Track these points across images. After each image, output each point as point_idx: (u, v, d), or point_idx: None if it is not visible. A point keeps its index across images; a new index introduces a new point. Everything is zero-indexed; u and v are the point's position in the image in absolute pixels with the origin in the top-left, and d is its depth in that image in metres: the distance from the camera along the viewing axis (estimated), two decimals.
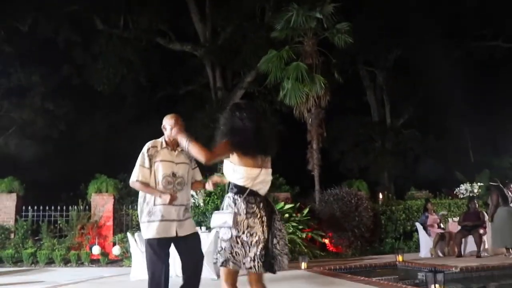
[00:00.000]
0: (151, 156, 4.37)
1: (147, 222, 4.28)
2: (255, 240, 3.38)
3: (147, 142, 4.47)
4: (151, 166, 4.36)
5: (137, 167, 4.39)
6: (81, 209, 12.15)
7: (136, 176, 4.37)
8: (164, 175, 4.34)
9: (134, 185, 4.40)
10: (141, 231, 4.43)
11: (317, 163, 13.25)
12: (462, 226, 10.71)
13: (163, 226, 4.25)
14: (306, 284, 7.04)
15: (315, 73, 13.18)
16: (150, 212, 4.29)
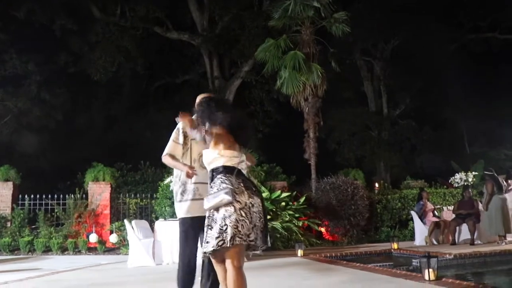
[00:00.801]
0: (186, 133, 4.25)
1: (180, 201, 4.19)
2: (257, 210, 3.58)
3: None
4: (185, 144, 4.26)
5: (170, 142, 4.29)
6: (78, 198, 12.18)
7: (167, 150, 4.26)
8: (199, 154, 4.17)
9: (164, 159, 4.26)
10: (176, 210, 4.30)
11: (314, 152, 13.29)
12: (456, 215, 10.79)
13: (198, 204, 4.06)
14: (303, 270, 7.10)
15: (312, 62, 13.18)
16: (185, 191, 4.18)
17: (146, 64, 20.06)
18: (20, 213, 11.88)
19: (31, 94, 18.26)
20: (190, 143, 4.25)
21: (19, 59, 17.65)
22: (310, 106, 13.38)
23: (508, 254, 8.67)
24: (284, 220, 10.95)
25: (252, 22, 17.57)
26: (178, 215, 4.22)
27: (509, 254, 8.68)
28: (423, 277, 5.49)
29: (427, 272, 5.44)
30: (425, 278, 5.43)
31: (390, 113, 22.78)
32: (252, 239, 3.50)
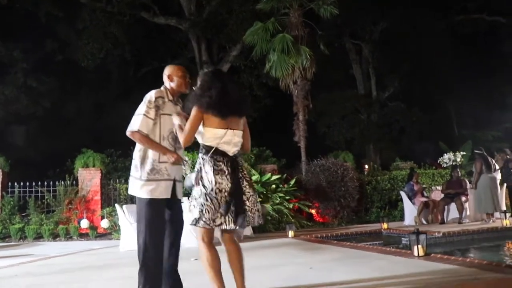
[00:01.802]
0: (157, 107, 3.87)
1: (147, 181, 3.81)
2: (224, 196, 3.46)
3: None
4: (156, 118, 3.86)
5: (140, 116, 3.83)
6: (68, 184, 12.15)
7: (137, 125, 3.81)
8: (170, 130, 3.91)
9: (133, 136, 3.83)
10: (137, 191, 3.86)
11: (303, 135, 13.34)
12: (445, 194, 10.92)
13: (167, 185, 3.88)
14: (293, 250, 7.18)
15: (301, 44, 13.16)
16: (153, 169, 3.83)
17: (134, 50, 19.92)
18: (10, 200, 11.83)
19: (18, 82, 18.09)
20: (160, 119, 3.88)
21: (4, 46, 17.42)
22: (299, 89, 13.40)
23: (495, 231, 8.85)
24: (274, 202, 11.02)
25: (240, 6, 17.44)
26: (145, 195, 3.81)
27: (496, 231, 8.87)
28: (412, 254, 5.57)
29: (416, 248, 5.52)
30: (414, 254, 5.52)
31: (379, 96, 22.88)
32: (218, 223, 3.46)
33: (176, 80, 3.99)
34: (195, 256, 6.79)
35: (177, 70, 4.02)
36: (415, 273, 4.52)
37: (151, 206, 3.82)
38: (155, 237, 3.83)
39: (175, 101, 4.04)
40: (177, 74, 4.00)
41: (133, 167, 3.92)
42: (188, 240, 8.09)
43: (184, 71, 4.04)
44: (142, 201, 3.84)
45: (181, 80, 4.00)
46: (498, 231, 8.83)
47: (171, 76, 4.00)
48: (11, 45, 17.52)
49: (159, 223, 3.88)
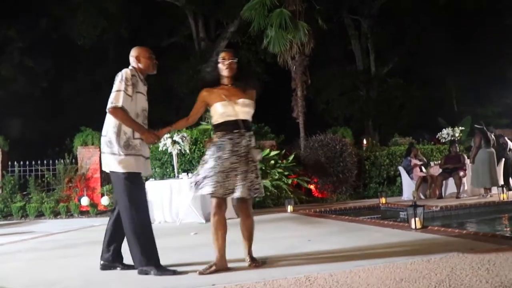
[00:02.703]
0: (133, 85, 3.93)
1: (125, 156, 3.85)
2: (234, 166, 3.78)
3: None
4: (132, 95, 3.91)
5: (120, 92, 3.84)
6: (67, 163, 12.19)
7: (120, 101, 3.82)
8: (142, 108, 4.02)
9: (115, 113, 3.83)
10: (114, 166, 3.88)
11: (302, 111, 13.32)
12: (443, 169, 10.98)
13: (142, 162, 3.97)
14: (293, 223, 7.27)
15: (299, 20, 13.02)
16: (128, 145, 3.88)
17: (131, 28, 19.72)
18: (10, 179, 11.89)
19: (14, 61, 17.96)
20: (136, 96, 3.95)
21: None
22: (298, 65, 13.33)
23: (492, 205, 8.94)
24: (273, 178, 11.08)
25: None
26: (123, 169, 3.84)
27: (493, 205, 8.96)
28: (410, 226, 5.64)
29: (414, 221, 5.59)
30: (411, 227, 5.59)
31: (378, 72, 22.75)
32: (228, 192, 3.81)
33: (143, 61, 4.11)
34: (194, 230, 6.89)
35: (144, 51, 4.13)
36: (412, 244, 4.59)
37: (131, 180, 3.88)
38: (142, 210, 3.92)
39: (144, 81, 4.14)
40: (144, 55, 4.12)
41: (105, 144, 3.93)
42: (187, 216, 8.22)
43: (151, 53, 4.16)
44: (120, 177, 3.87)
45: (148, 61, 4.12)
46: (495, 205, 8.92)
47: (139, 57, 4.11)
48: (6, 24, 17.34)
49: (142, 196, 4.01)
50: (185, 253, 4.95)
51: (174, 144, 9.19)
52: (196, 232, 6.75)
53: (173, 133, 9.59)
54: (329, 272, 3.43)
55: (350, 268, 3.51)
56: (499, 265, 3.33)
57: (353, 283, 3.08)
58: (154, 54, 4.18)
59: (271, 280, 3.29)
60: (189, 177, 8.62)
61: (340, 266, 3.65)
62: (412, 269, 3.38)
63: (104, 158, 3.97)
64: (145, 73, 4.15)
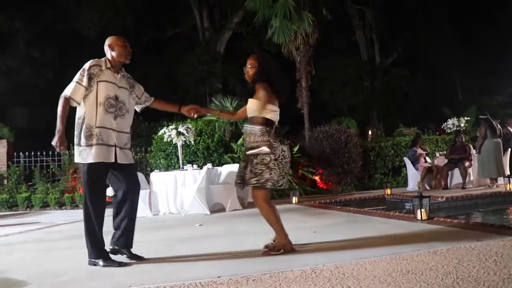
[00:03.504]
0: (93, 75, 4.00)
1: (86, 146, 3.94)
2: (287, 161, 4.16)
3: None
4: (90, 86, 4.00)
5: (73, 83, 3.97)
6: (72, 153, 12.19)
7: (69, 92, 3.95)
8: (107, 96, 4.03)
9: (60, 101, 3.95)
10: (76, 157, 4.01)
11: (306, 101, 13.29)
12: (449, 159, 10.92)
13: (104, 150, 3.99)
14: (298, 215, 7.25)
15: (303, 10, 12.96)
16: (90, 136, 3.96)
17: (135, 18, 19.67)
18: (16, 170, 11.95)
19: (19, 52, 17.97)
20: (97, 85, 4.01)
21: (5, 17, 17.24)
22: (302, 55, 13.28)
23: (498, 196, 8.88)
24: None
25: None
26: (83, 160, 3.96)
27: (499, 196, 8.90)
28: (415, 217, 5.62)
29: (420, 212, 5.57)
30: (417, 218, 5.56)
31: (383, 62, 22.65)
32: (280, 184, 4.12)
33: (117, 49, 4.16)
34: (199, 222, 6.89)
35: (117, 39, 4.19)
36: (417, 235, 4.57)
37: (89, 171, 3.97)
38: (95, 201, 4.02)
39: (117, 70, 4.18)
40: (117, 43, 4.17)
41: (74, 136, 4.04)
42: (192, 207, 8.22)
43: (124, 41, 4.21)
44: (82, 167, 4.03)
45: (122, 49, 4.17)
46: (502, 196, 8.86)
47: (112, 46, 4.16)
48: (12, 15, 17.33)
49: (98, 188, 4.05)
50: (191, 245, 4.95)
51: (179, 135, 9.17)
52: (201, 223, 6.75)
53: (178, 124, 9.58)
54: (335, 264, 3.42)
55: (356, 260, 3.50)
56: (507, 257, 3.30)
57: (359, 275, 3.07)
58: (128, 43, 4.24)
59: (277, 272, 3.29)
60: (193, 168, 8.62)
61: (346, 257, 3.64)
62: (418, 261, 3.36)
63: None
64: (119, 62, 4.19)
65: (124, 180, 4.17)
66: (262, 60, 4.28)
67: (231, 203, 8.50)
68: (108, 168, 4.07)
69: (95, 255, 3.98)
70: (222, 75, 18.56)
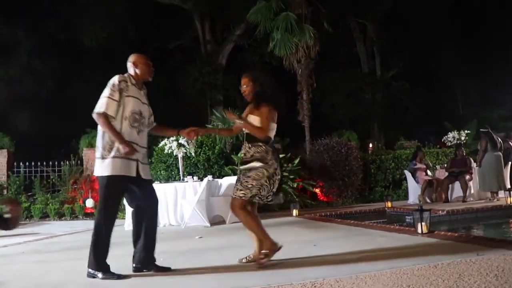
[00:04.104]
0: (122, 89, 4.06)
1: (108, 158, 3.97)
2: (279, 178, 4.26)
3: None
4: (120, 100, 4.05)
5: (104, 99, 4.02)
6: (73, 164, 12.21)
7: (103, 107, 3.99)
8: (132, 111, 4.09)
9: (98, 118, 4.00)
10: (97, 170, 4.03)
11: (307, 114, 13.32)
12: (449, 172, 10.90)
13: (126, 163, 4.00)
14: (298, 227, 7.23)
15: (305, 23, 13.04)
16: (112, 148, 3.98)
17: (138, 30, 19.76)
18: (16, 180, 11.94)
19: (21, 62, 18.02)
20: (124, 100, 4.07)
21: (7, 27, 17.33)
22: (303, 68, 13.33)
23: (499, 209, 8.84)
24: None
25: None
26: (104, 173, 3.97)
27: (500, 209, 8.86)
28: (416, 231, 5.59)
29: (420, 226, 5.54)
30: (418, 232, 5.54)
31: (384, 75, 22.71)
32: (269, 200, 4.33)
33: (140, 67, 4.24)
34: (199, 234, 6.87)
35: (141, 57, 4.29)
36: (418, 249, 4.55)
37: (108, 184, 3.99)
38: (110, 215, 4.07)
39: (140, 86, 4.27)
40: (140, 61, 4.26)
41: (96, 149, 4.12)
42: (192, 219, 8.19)
43: (147, 59, 4.32)
44: (100, 179, 4.05)
45: (145, 67, 4.26)
46: (502, 209, 8.82)
47: (136, 63, 4.25)
48: (14, 25, 17.41)
49: (115, 202, 4.11)
50: (191, 257, 4.93)
51: (179, 147, 9.18)
52: (201, 236, 6.73)
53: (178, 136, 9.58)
54: (335, 278, 3.40)
55: (356, 274, 3.48)
56: (508, 271, 3.28)
57: None
58: (151, 61, 4.33)
59: (276, 285, 3.27)
60: (194, 180, 8.60)
61: (346, 271, 3.62)
62: (419, 275, 3.34)
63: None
64: (142, 79, 4.28)
65: (143, 195, 4.21)
66: (255, 78, 4.37)
67: (232, 215, 8.42)
68: (128, 182, 4.08)
69: (95, 266, 3.97)
70: (223, 87, 18.60)
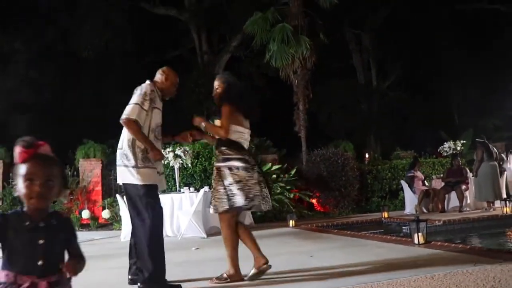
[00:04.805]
0: (152, 100, 3.93)
1: (142, 168, 3.85)
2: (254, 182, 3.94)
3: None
4: (148, 111, 3.91)
5: (135, 106, 3.84)
6: (69, 175, 12.16)
7: (134, 114, 3.81)
8: (157, 124, 4.01)
9: (129, 124, 3.81)
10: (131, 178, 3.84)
11: (304, 124, 13.35)
12: (446, 183, 10.93)
13: (156, 174, 3.97)
14: (294, 238, 7.22)
15: (301, 34, 13.12)
16: (146, 158, 3.86)
17: (135, 40, 19.83)
18: (11, 191, 11.84)
19: (19, 73, 18.03)
20: (152, 112, 3.95)
21: (5, 37, 17.36)
22: (300, 79, 13.39)
23: (495, 219, 8.88)
24: (275, 192, 11.02)
25: None
26: (141, 181, 3.81)
27: (496, 219, 8.90)
28: (412, 241, 5.59)
29: (417, 236, 5.54)
30: (414, 242, 5.54)
31: (380, 85, 22.82)
32: (250, 207, 3.97)
33: (169, 84, 4.16)
34: (196, 245, 6.84)
35: (175, 76, 4.20)
36: (415, 260, 4.54)
37: (149, 192, 3.86)
38: (157, 224, 3.88)
39: (161, 97, 4.16)
40: (174, 80, 4.19)
41: (121, 156, 3.91)
42: (189, 230, 8.17)
43: (177, 81, 4.24)
44: (139, 189, 3.83)
45: (173, 87, 4.20)
46: (499, 219, 8.86)
47: (167, 77, 4.15)
48: (12, 35, 17.44)
49: (159, 209, 3.94)
50: (188, 269, 4.91)
51: (176, 157, 9.17)
52: (198, 247, 6.70)
53: (175, 146, 9.59)
54: None
55: (353, 285, 3.47)
56: (504, 282, 3.29)
57: None
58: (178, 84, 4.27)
59: None
60: (190, 191, 8.59)
61: (343, 283, 3.61)
62: (416, 286, 3.34)
63: (119, 171, 3.94)
64: (166, 94, 4.20)
65: None
66: (224, 80, 4.20)
67: None
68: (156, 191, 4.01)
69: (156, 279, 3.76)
70: None
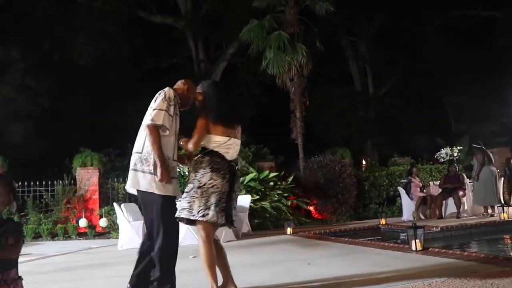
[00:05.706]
0: (175, 105, 3.74)
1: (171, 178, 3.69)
2: (218, 191, 3.61)
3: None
4: (173, 116, 3.71)
5: (162, 112, 3.62)
6: (66, 184, 12.13)
7: (160, 120, 3.60)
8: (178, 131, 3.80)
9: (153, 130, 3.59)
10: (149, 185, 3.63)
11: (301, 132, 13.37)
12: (443, 189, 10.94)
13: (177, 185, 3.80)
14: (292, 246, 7.20)
15: (297, 42, 13.19)
16: (167, 166, 3.63)
17: (131, 49, 19.86)
18: None
19: (15, 81, 18.02)
20: (175, 118, 3.74)
21: (1, 46, 17.37)
22: (296, 86, 13.43)
23: (493, 225, 8.90)
24: (272, 199, 11.02)
25: (236, 4, 17.44)
26: (161, 191, 3.62)
27: (493, 225, 8.92)
28: (410, 248, 5.60)
29: (414, 243, 5.55)
30: (412, 249, 5.54)
31: (376, 92, 22.90)
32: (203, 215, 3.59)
33: (187, 96, 3.90)
34: (193, 253, 6.81)
35: (195, 90, 3.91)
36: (412, 267, 4.54)
37: (167, 203, 3.69)
38: (174, 235, 3.81)
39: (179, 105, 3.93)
40: (192, 91, 3.91)
41: (140, 161, 3.68)
42: (185, 238, 8.13)
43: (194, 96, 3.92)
44: (157, 198, 3.65)
45: (188, 100, 3.91)
46: (496, 225, 8.88)
47: (190, 90, 3.91)
48: (8, 44, 17.45)
49: (175, 220, 3.77)
50: (184, 278, 4.88)
51: None
52: (195, 255, 6.67)
53: None
54: None
55: None
56: None
57: None
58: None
59: None
60: None
61: None
62: None
63: (135, 176, 3.68)
64: (183, 104, 3.92)
65: None
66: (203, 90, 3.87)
67: (225, 234, 8.41)
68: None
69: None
70: None
